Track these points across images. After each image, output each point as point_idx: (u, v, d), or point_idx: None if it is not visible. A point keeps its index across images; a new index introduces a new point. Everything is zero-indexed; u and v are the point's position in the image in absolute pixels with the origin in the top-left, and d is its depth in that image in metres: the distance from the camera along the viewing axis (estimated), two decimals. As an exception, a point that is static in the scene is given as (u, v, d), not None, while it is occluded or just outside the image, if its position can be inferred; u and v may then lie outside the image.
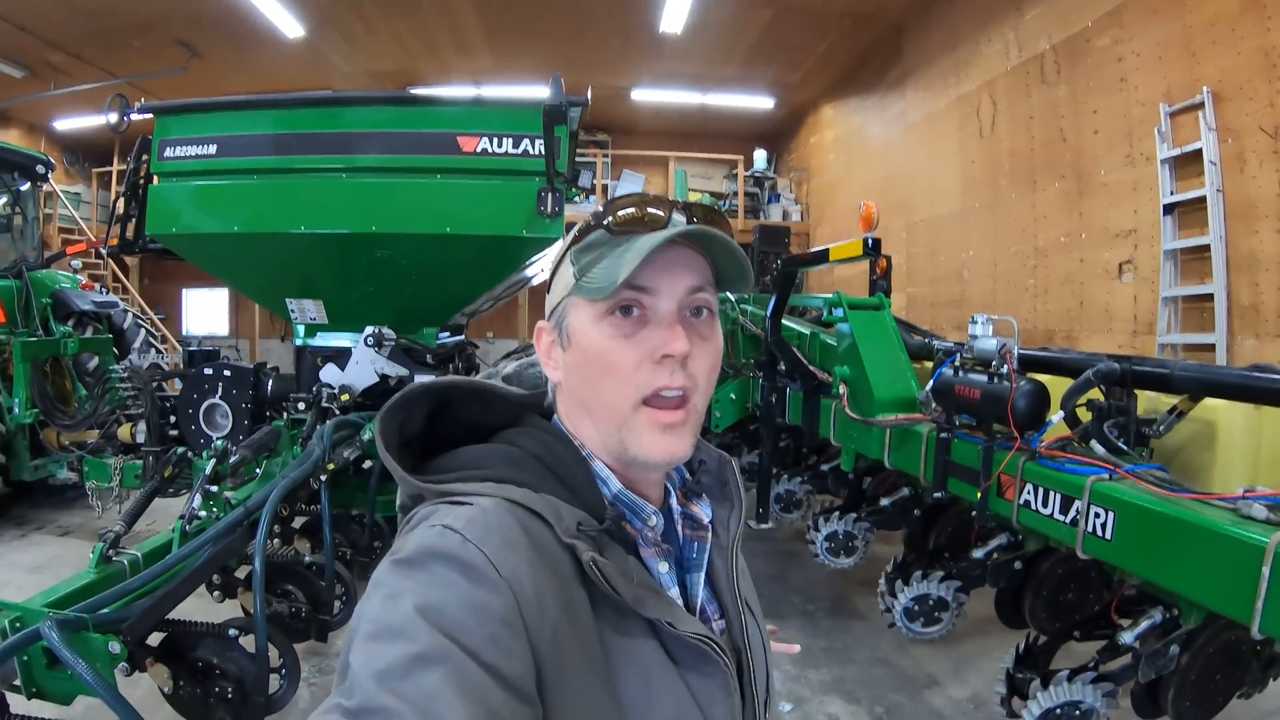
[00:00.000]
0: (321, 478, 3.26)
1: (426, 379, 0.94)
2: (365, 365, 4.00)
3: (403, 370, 4.01)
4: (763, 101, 13.22)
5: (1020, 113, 7.63)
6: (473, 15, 10.07)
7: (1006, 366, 2.79)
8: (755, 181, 14.42)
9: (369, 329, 3.98)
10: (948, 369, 3.11)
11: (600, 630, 0.76)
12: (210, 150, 3.87)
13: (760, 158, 14.30)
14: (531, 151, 3.65)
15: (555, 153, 3.63)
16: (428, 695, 0.60)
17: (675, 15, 9.61)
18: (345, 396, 3.90)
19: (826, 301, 4.14)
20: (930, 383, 3.26)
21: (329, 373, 4.01)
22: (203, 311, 15.17)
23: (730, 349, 5.56)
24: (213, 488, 3.19)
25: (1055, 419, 2.72)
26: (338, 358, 4.06)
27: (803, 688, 3.79)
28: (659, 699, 0.77)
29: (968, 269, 8.67)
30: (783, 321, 4.56)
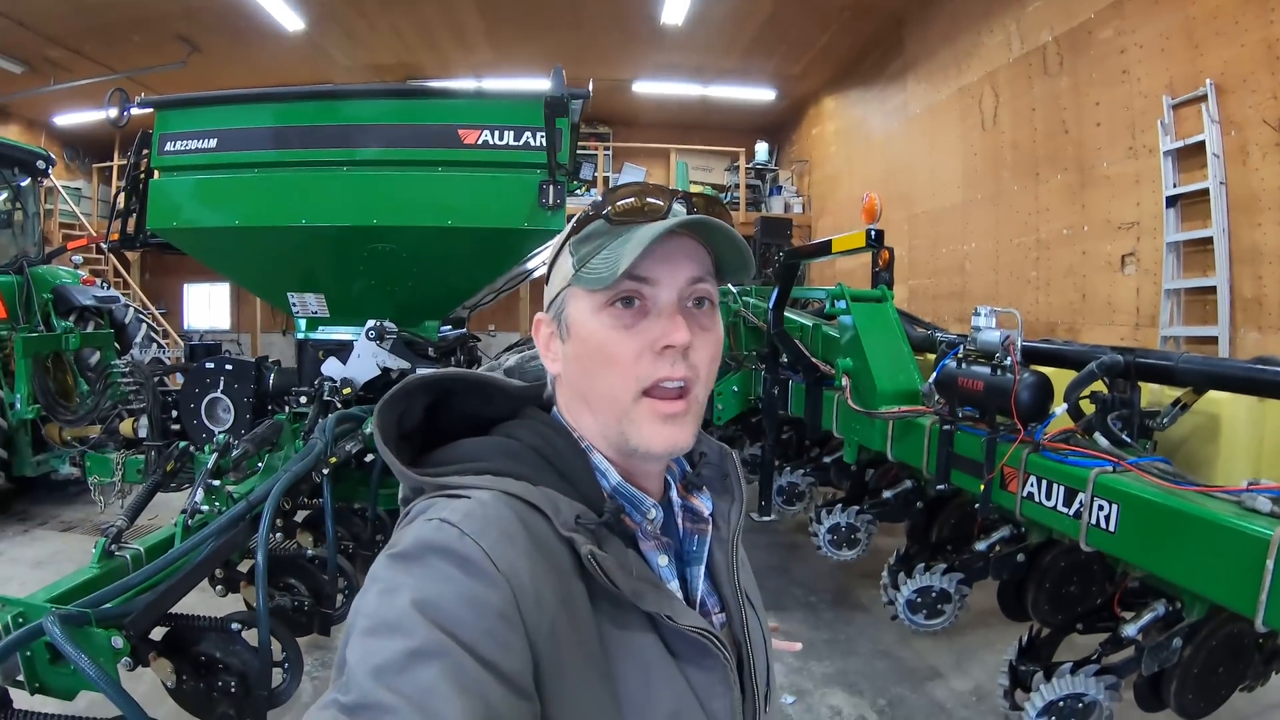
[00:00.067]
0: (324, 471, 3.25)
1: (427, 372, 0.93)
2: (367, 359, 3.99)
3: (404, 363, 4.01)
4: (764, 93, 13.18)
5: (1022, 105, 7.60)
6: (472, 8, 10.04)
7: (1010, 358, 2.79)
8: (756, 174, 14.41)
9: (370, 322, 3.98)
10: (951, 361, 3.11)
11: (599, 624, 0.75)
12: (210, 144, 3.85)
13: (761, 150, 14.29)
14: (533, 144, 3.63)
15: (557, 145, 3.61)
16: (425, 691, 0.59)
17: (676, 7, 9.58)
18: (347, 390, 3.90)
19: (829, 293, 4.13)
20: (933, 375, 3.27)
21: (331, 366, 4.00)
22: (204, 306, 15.19)
23: (732, 341, 5.56)
24: (215, 482, 3.20)
25: (1058, 411, 2.71)
26: (339, 351, 4.05)
27: (805, 680, 3.80)
28: (658, 693, 0.76)
29: (969, 261, 8.65)
30: (785, 313, 4.57)
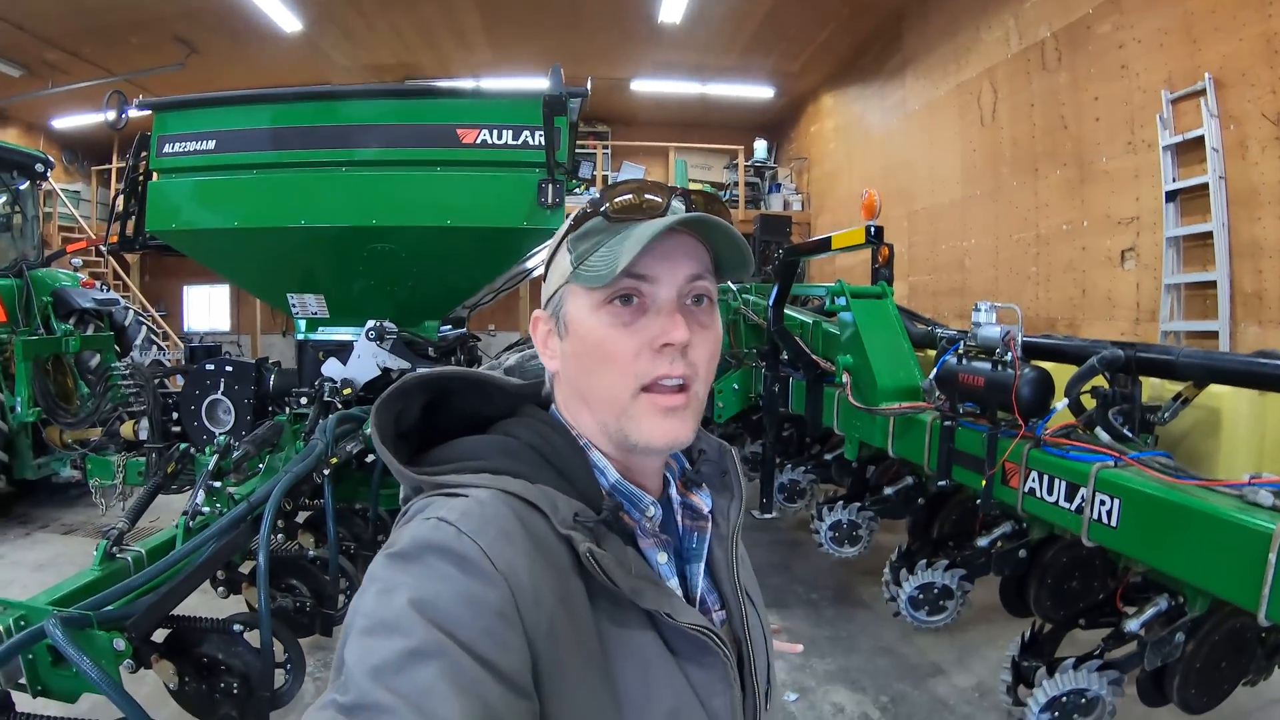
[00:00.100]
0: (325, 472, 3.25)
1: (424, 371, 0.92)
2: (367, 359, 3.99)
3: (405, 363, 4.01)
4: (762, 91, 13.17)
5: (1021, 100, 7.59)
6: (471, 8, 10.04)
7: (1011, 354, 2.78)
8: (756, 171, 14.40)
9: (370, 323, 3.98)
10: (951, 357, 3.11)
11: (598, 622, 0.75)
12: (209, 146, 3.85)
13: (760, 147, 14.29)
14: (531, 143, 3.62)
15: (555, 144, 3.61)
16: (422, 691, 0.59)
17: (674, 5, 9.57)
18: (347, 390, 3.90)
19: (829, 290, 4.13)
20: (934, 371, 3.26)
21: (331, 367, 4.00)
22: (204, 308, 15.20)
23: (733, 339, 5.55)
24: (216, 483, 3.19)
25: (1059, 406, 2.71)
26: (339, 352, 4.05)
27: (808, 677, 3.80)
28: (658, 691, 0.76)
29: (969, 257, 8.64)
30: (785, 311, 4.56)
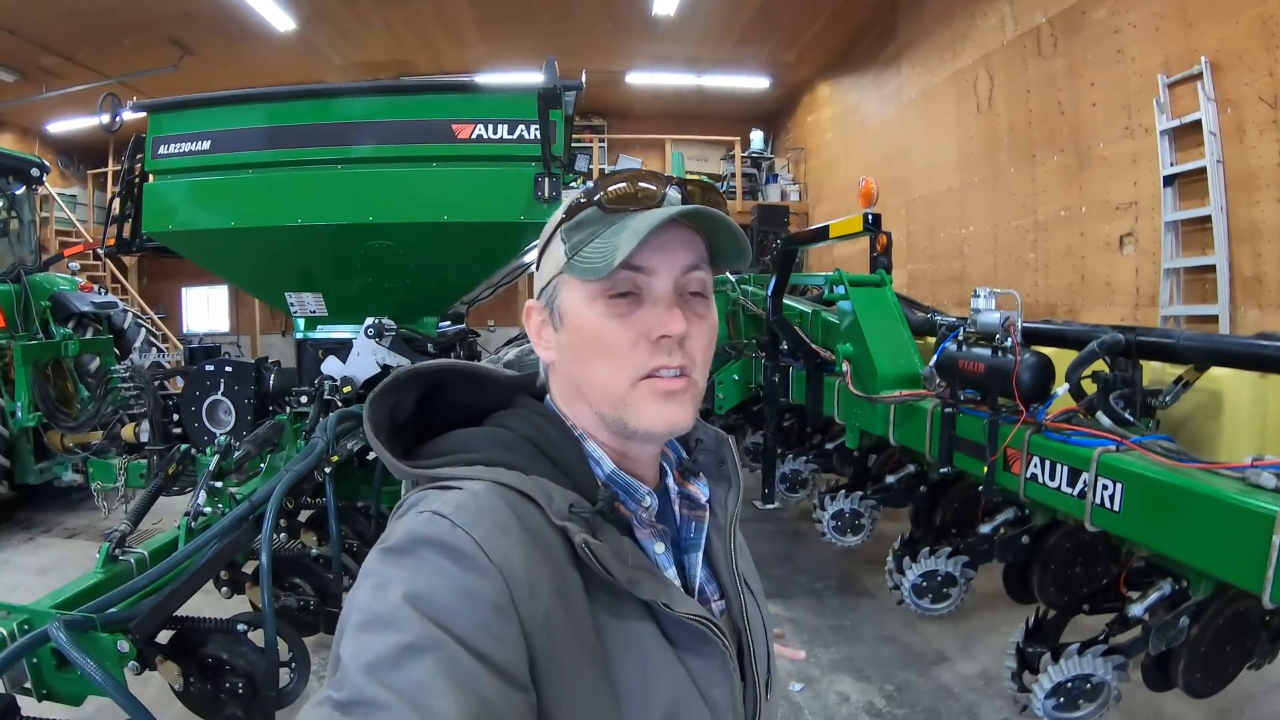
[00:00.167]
0: (326, 470, 3.24)
1: (419, 364, 0.92)
2: (366, 356, 3.98)
3: (404, 360, 4.00)
4: (758, 82, 13.15)
5: (1017, 87, 7.57)
6: (464, 4, 10.01)
7: (1010, 340, 2.78)
8: (752, 162, 14.37)
9: (369, 320, 3.97)
10: (951, 344, 3.10)
11: (595, 614, 0.74)
12: (204, 146, 3.84)
13: (757, 138, 14.27)
14: (527, 137, 3.61)
15: (551, 137, 3.60)
16: (418, 686, 0.59)
17: (667, -3, 9.54)
18: (347, 388, 3.89)
19: (828, 279, 4.12)
20: (934, 358, 3.26)
21: (330, 365, 4.00)
22: (203, 309, 15.19)
23: (732, 330, 5.55)
24: (217, 484, 3.19)
25: (1060, 391, 2.71)
26: (339, 350, 4.05)
27: (812, 667, 3.80)
28: (656, 681, 0.75)
29: (968, 245, 8.63)
30: (784, 300, 4.56)
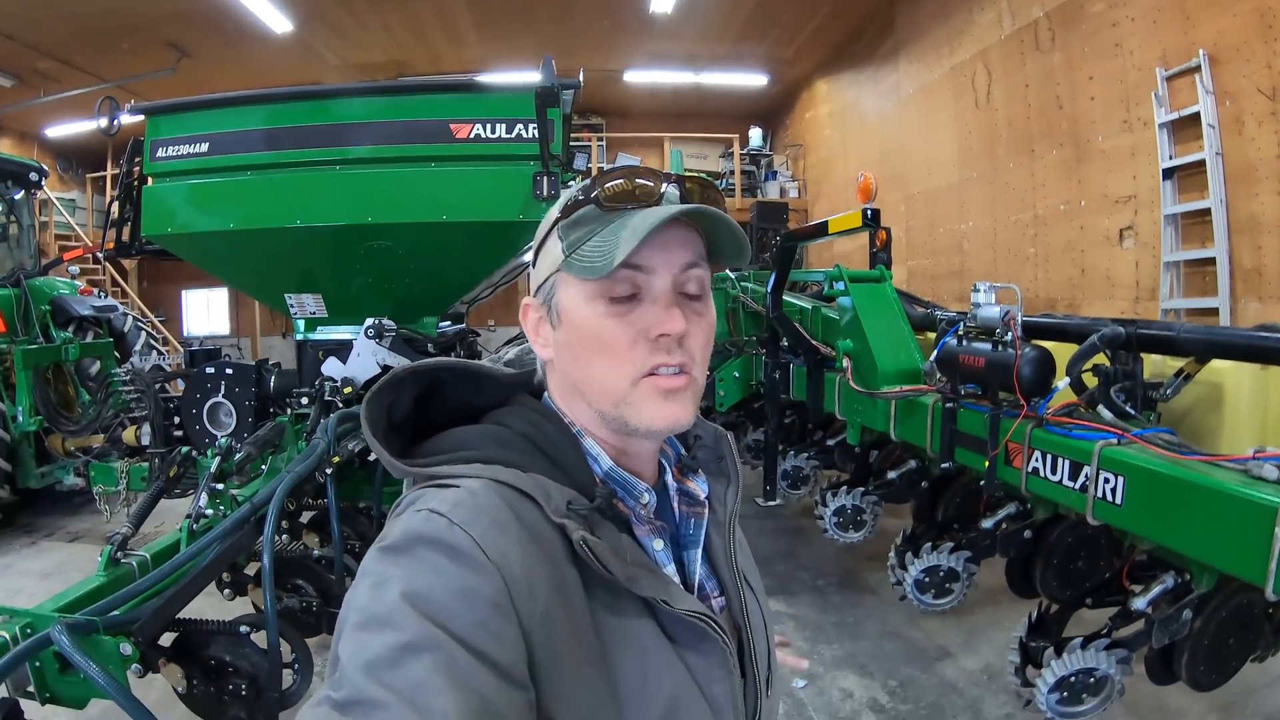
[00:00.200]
0: (327, 471, 3.24)
1: (416, 362, 0.92)
2: (367, 357, 3.99)
3: (404, 361, 4.00)
4: (756, 79, 13.12)
5: (1016, 81, 7.55)
6: (461, 4, 9.99)
7: (1011, 334, 2.77)
8: (751, 159, 14.35)
9: (369, 321, 3.97)
10: (951, 338, 3.09)
11: (594, 611, 0.74)
12: (202, 148, 3.84)
13: (756, 135, 14.24)
14: (525, 136, 3.61)
15: (549, 136, 3.60)
16: (416, 685, 0.59)
17: (664, -6, 9.51)
18: (348, 389, 3.89)
19: (827, 275, 4.12)
20: (934, 353, 3.25)
21: (331, 366, 4.00)
22: (203, 312, 15.22)
23: (732, 327, 5.55)
24: (218, 486, 3.19)
25: (1061, 385, 2.70)
26: (339, 351, 4.05)
27: (815, 664, 3.80)
28: (656, 678, 0.75)
29: (967, 240, 8.62)
30: (784, 297, 4.55)
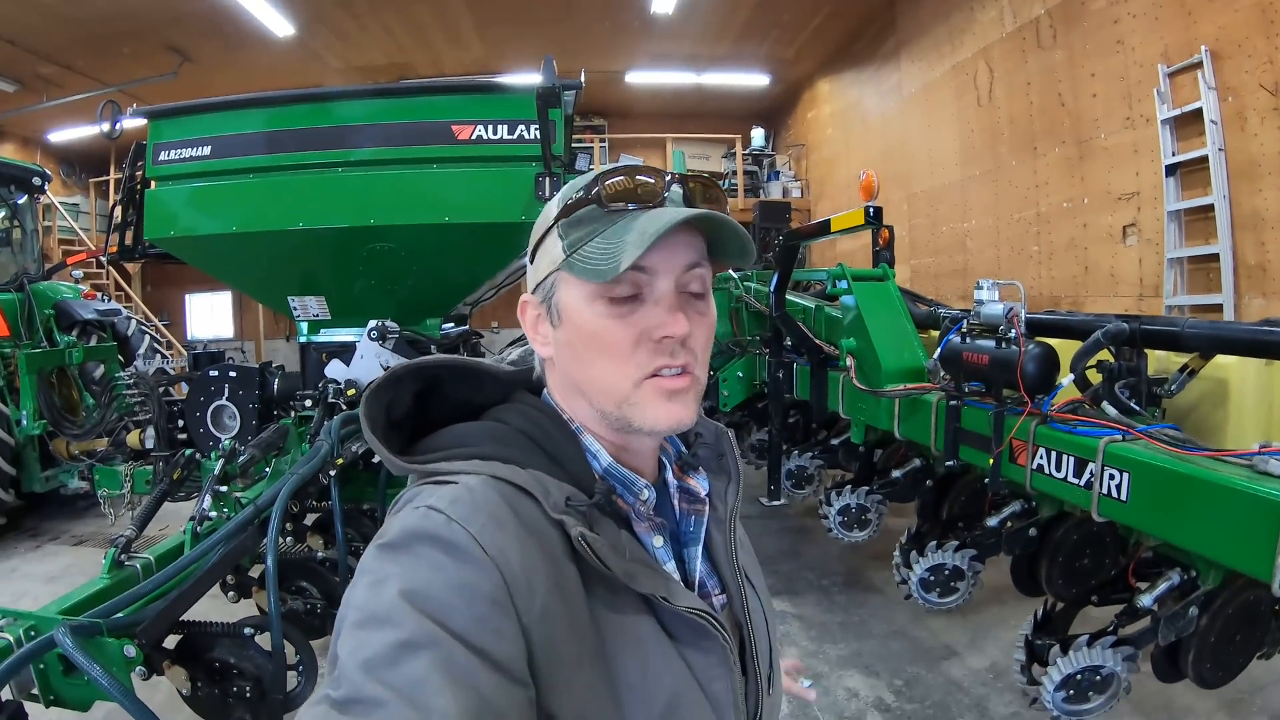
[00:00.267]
0: (331, 473, 3.24)
1: (415, 360, 0.91)
2: (370, 359, 3.98)
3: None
4: (758, 79, 13.13)
5: (1018, 79, 7.55)
6: (462, 6, 10.02)
7: (1014, 331, 2.77)
8: (754, 159, 14.37)
9: (372, 323, 3.97)
10: (955, 336, 3.09)
11: (593, 608, 0.74)
12: (204, 151, 3.84)
13: (758, 135, 14.26)
14: (527, 137, 3.61)
15: (551, 137, 3.60)
16: (415, 683, 0.58)
17: (665, -5, 9.52)
18: (351, 391, 3.89)
19: (830, 274, 4.11)
20: (938, 351, 3.24)
21: (334, 368, 4.00)
22: (207, 315, 15.25)
23: (735, 327, 5.55)
24: (222, 488, 3.18)
25: (1065, 382, 2.70)
26: (342, 353, 4.05)
27: (821, 663, 3.79)
28: (656, 676, 0.75)
29: (970, 238, 8.61)
30: (787, 296, 4.55)
